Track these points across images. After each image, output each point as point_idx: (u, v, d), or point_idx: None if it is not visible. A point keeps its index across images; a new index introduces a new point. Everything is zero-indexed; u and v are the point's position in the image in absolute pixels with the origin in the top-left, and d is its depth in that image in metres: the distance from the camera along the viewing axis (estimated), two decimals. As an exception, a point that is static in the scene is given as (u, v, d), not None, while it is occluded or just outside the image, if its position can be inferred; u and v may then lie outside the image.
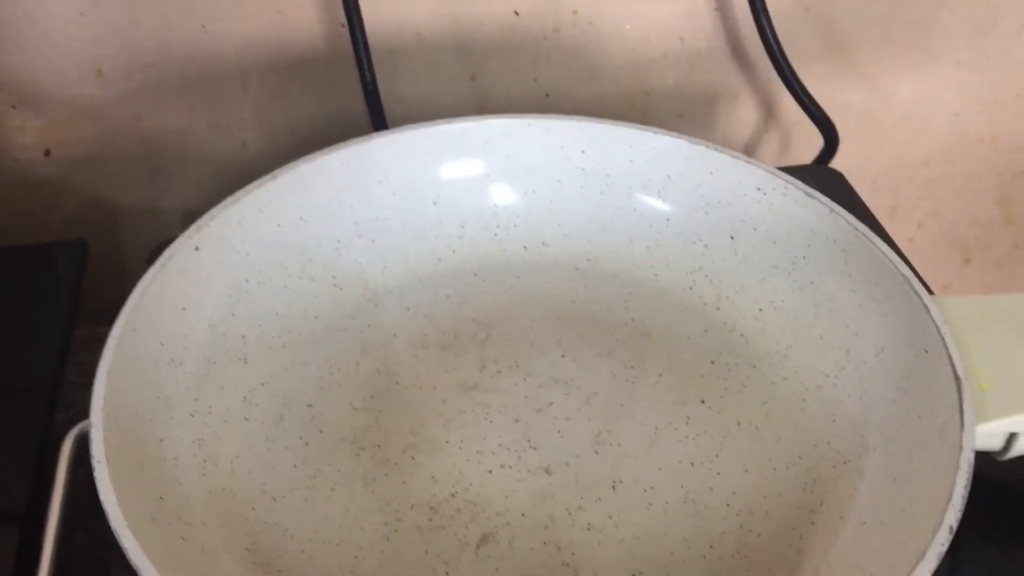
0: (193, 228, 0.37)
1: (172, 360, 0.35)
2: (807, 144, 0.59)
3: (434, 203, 0.43)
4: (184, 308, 0.36)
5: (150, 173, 0.51)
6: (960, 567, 0.34)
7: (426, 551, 0.32)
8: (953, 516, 0.28)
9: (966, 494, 0.29)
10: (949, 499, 0.28)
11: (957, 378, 0.32)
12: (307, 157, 0.40)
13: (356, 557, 0.32)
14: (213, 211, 0.37)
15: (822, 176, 0.50)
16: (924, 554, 0.27)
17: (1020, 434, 0.32)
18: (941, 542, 0.27)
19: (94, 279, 0.46)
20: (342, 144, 0.41)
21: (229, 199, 0.38)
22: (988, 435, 0.32)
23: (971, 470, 0.29)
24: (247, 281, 0.38)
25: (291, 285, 0.40)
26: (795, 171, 0.41)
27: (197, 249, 0.36)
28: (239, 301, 0.38)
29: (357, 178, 0.41)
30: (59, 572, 0.32)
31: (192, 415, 0.34)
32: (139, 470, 0.31)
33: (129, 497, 0.29)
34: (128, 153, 0.50)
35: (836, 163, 0.55)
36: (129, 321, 0.33)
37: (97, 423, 0.30)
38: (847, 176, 0.51)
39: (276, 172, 0.39)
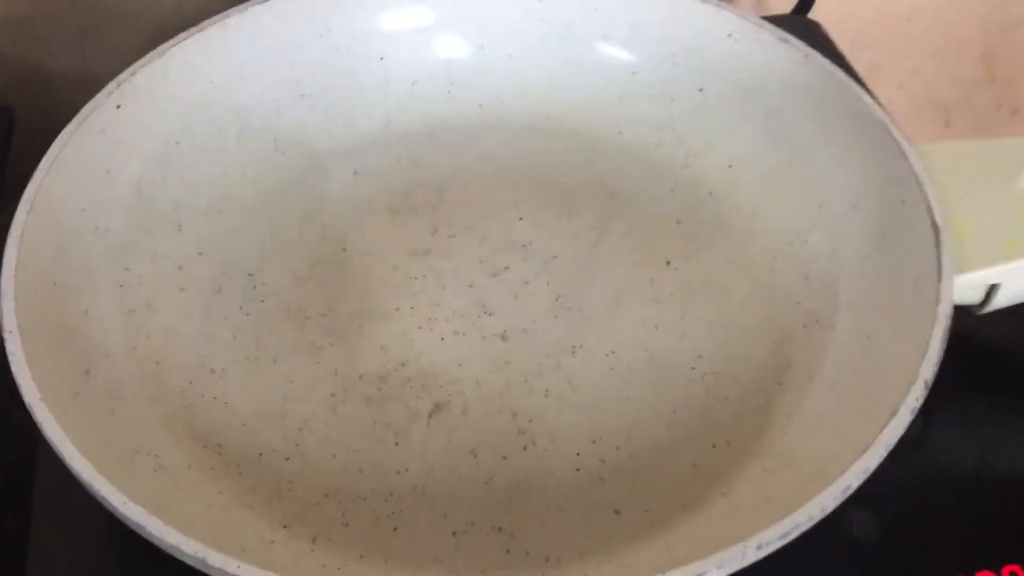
0: (112, 84, 0.34)
1: (96, 227, 0.32)
2: (784, -2, 0.56)
3: (381, 58, 0.39)
4: (108, 171, 0.33)
5: (81, 34, 0.47)
6: (932, 426, 0.32)
7: (375, 422, 0.31)
8: (929, 370, 0.26)
9: (943, 347, 0.27)
10: (925, 353, 0.27)
11: (935, 227, 0.30)
12: (238, 7, 0.37)
13: (301, 430, 0.30)
14: (134, 66, 0.34)
15: (799, 26, 0.47)
16: (897, 409, 0.25)
17: (1000, 286, 0.30)
18: (915, 397, 0.26)
19: (26, 153, 0.42)
20: (277, -8, 0.38)
21: (153, 52, 0.35)
22: (967, 287, 0.30)
23: (948, 323, 0.27)
24: (178, 143, 0.35)
25: (227, 148, 0.37)
26: (770, 20, 0.39)
27: (119, 107, 0.34)
28: (169, 164, 0.35)
29: (295, 30, 0.38)
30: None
31: (121, 285, 0.32)
32: (60, 343, 0.29)
33: (47, 370, 0.27)
34: (55, 10, 0.46)
35: (814, 17, 0.52)
36: (44, 184, 0.31)
37: (8, 291, 0.27)
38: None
39: (204, 23, 0.36)
